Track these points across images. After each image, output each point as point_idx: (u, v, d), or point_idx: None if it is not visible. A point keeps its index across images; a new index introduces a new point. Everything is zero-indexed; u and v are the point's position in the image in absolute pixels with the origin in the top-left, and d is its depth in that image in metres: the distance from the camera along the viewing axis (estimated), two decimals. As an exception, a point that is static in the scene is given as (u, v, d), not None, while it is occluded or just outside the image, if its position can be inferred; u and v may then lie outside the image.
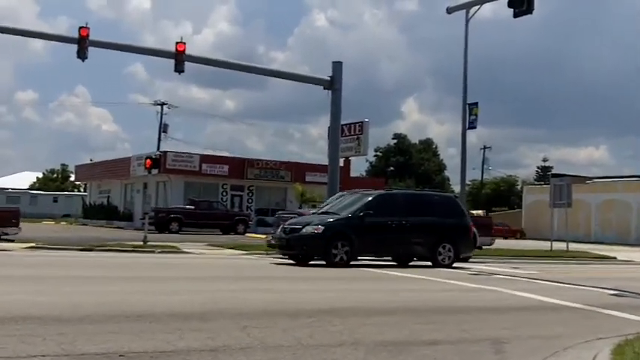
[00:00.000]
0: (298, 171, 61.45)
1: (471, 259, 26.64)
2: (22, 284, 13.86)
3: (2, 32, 29.41)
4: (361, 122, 42.62)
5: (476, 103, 37.31)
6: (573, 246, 39.73)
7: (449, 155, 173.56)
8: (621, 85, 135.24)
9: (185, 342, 7.97)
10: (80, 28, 29.02)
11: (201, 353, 7.46)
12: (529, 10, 30.38)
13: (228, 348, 7.79)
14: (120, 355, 7.16)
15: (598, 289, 16.57)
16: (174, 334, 8.34)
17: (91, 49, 29.26)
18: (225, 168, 60.00)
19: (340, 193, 27.72)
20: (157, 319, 9.44)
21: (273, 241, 25.15)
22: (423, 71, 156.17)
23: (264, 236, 37.47)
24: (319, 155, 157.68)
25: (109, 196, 69.39)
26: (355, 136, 42.05)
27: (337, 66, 33.31)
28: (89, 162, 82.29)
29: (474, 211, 61.90)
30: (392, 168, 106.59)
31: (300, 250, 22.69)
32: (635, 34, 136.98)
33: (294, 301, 12.47)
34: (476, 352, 8.42)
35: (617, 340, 8.72)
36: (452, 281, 17.75)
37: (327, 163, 34.67)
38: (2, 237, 27.00)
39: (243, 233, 49.93)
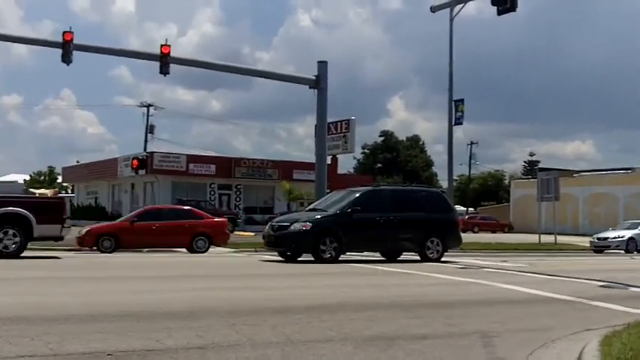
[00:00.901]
0: (285, 169, 61.47)
1: (458, 253, 26.71)
2: (8, 285, 13.81)
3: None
4: (347, 120, 42.76)
5: (462, 100, 37.49)
6: (561, 239, 39.89)
7: (436, 151, 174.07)
8: (606, 79, 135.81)
9: (173, 340, 7.93)
10: (64, 32, 28.92)
11: (189, 351, 7.43)
12: (512, 7, 30.50)
13: (216, 345, 7.76)
14: (108, 355, 7.12)
15: (587, 281, 16.61)
16: (162, 333, 8.30)
17: (75, 52, 29.18)
18: (213, 167, 59.97)
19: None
20: (145, 318, 9.40)
21: None
22: (409, 69, 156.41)
23: (252, 234, 37.64)
24: (306, 154, 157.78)
25: (96, 197, 69.25)
26: (342, 134, 42.18)
27: (322, 65, 33.32)
28: (76, 163, 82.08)
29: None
30: (379, 165, 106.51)
31: (289, 247, 22.69)
32: (620, 29, 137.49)
33: (283, 297, 12.44)
34: (465, 345, 8.41)
35: (605, 332, 8.73)
36: (441, 275, 17.76)
37: (314, 161, 34.71)
38: None
39: (231, 232, 49.77)
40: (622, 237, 39.36)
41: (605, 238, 39.64)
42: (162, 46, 30.50)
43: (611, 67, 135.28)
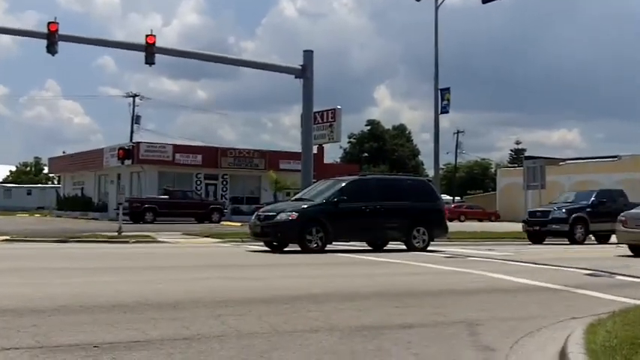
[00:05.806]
0: (272, 159, 61.43)
1: (444, 242, 26.77)
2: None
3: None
4: (334, 109, 42.70)
5: (448, 89, 37.49)
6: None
7: (422, 140, 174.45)
8: (592, 69, 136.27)
9: (159, 331, 7.93)
10: (49, 23, 28.83)
11: (175, 342, 7.42)
12: (496, -4, 30.64)
13: (202, 336, 7.76)
14: (94, 347, 7.10)
15: (573, 270, 16.69)
16: (148, 324, 8.30)
17: (60, 42, 29.07)
18: (199, 157, 59.84)
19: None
20: (131, 309, 9.39)
21: None
22: (395, 58, 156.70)
23: (239, 224, 37.66)
24: (292, 144, 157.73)
25: (82, 188, 69.06)
26: (328, 124, 42.15)
27: (308, 54, 33.31)
28: (62, 154, 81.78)
29: None
30: (366, 154, 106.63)
31: (275, 236, 22.70)
32: (606, 20, 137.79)
33: (270, 287, 12.46)
34: (451, 334, 8.43)
35: (590, 320, 8.77)
36: (427, 264, 17.82)
37: (300, 151, 34.69)
38: None
39: (218, 222, 49.89)
40: None
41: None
42: (147, 36, 30.43)
43: (597, 57, 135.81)
